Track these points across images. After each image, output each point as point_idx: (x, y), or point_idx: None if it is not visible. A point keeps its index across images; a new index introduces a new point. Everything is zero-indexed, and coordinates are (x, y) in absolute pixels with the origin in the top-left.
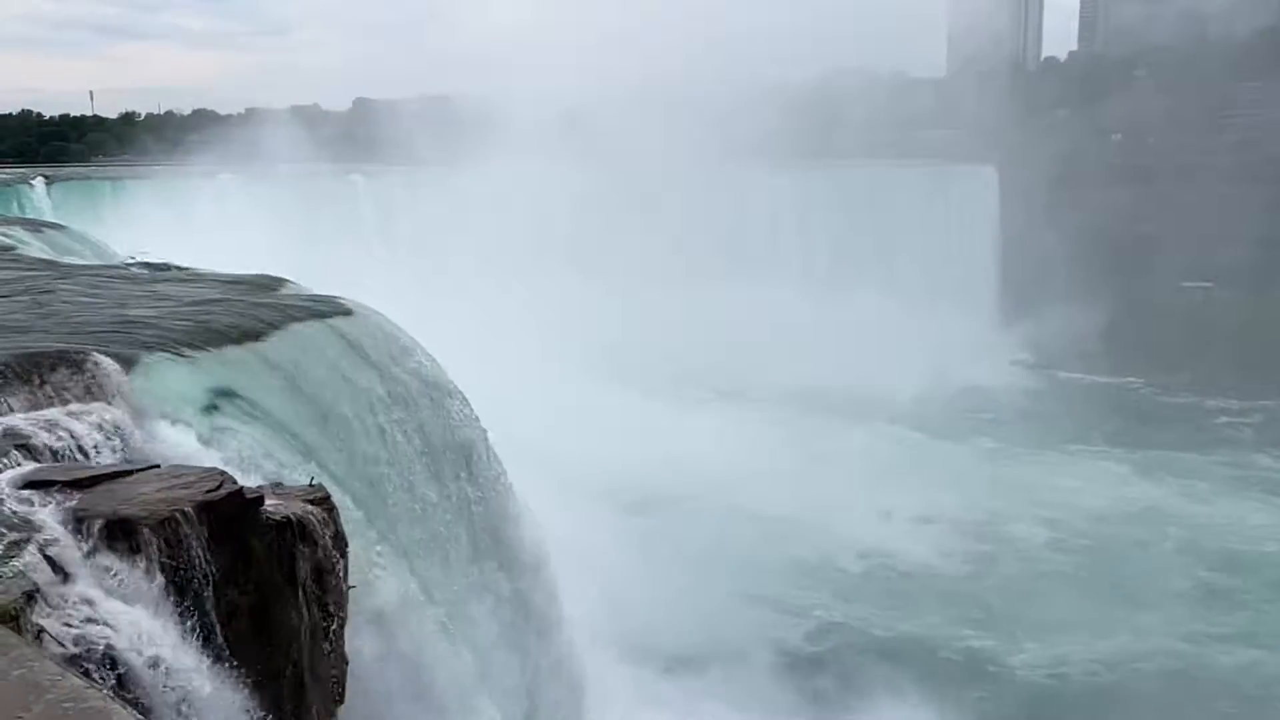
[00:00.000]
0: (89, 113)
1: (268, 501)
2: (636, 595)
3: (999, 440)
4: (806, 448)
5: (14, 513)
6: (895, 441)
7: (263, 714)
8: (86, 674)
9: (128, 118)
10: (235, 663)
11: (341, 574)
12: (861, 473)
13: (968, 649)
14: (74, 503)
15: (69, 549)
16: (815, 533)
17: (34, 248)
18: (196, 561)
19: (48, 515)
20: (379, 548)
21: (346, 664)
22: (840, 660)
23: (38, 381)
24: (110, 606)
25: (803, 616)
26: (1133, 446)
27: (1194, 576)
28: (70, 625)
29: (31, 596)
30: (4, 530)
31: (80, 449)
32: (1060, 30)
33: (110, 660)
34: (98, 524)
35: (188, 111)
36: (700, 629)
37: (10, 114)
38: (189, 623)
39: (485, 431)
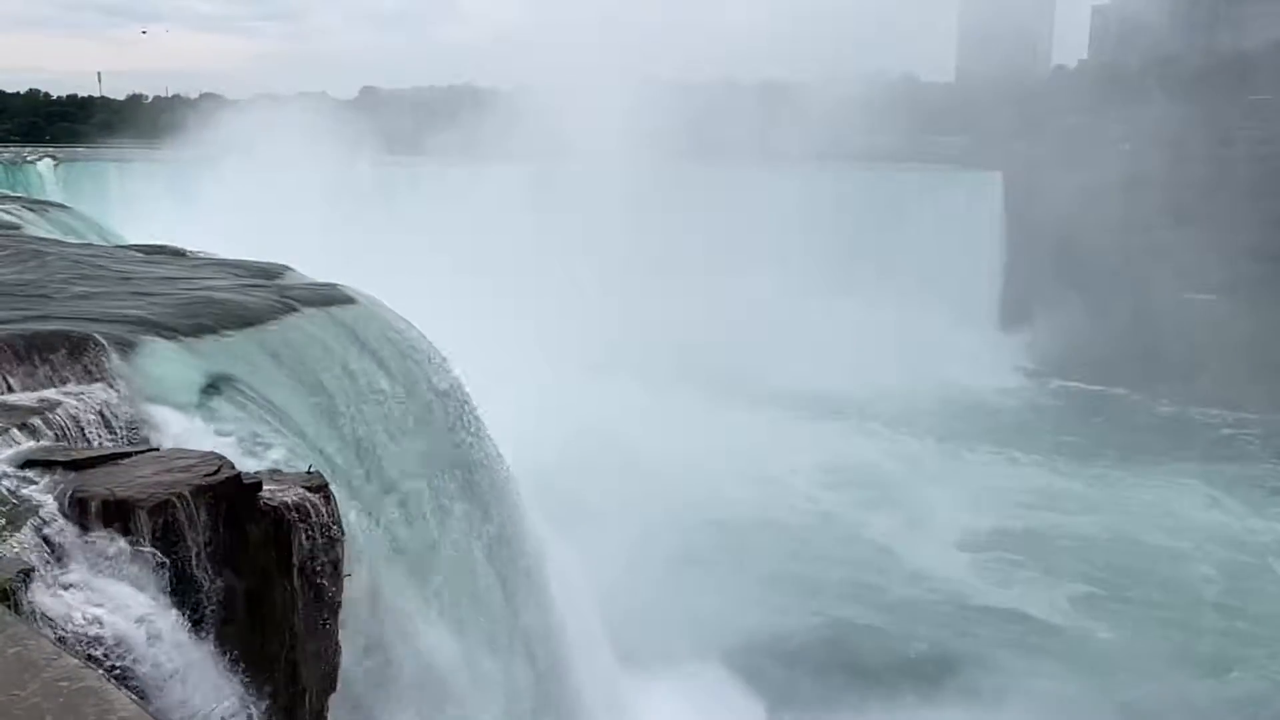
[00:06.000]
0: (96, 94)
1: (265, 487)
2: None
3: (1031, 452)
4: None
5: (11, 492)
6: (928, 450)
7: (256, 699)
8: (81, 653)
9: (135, 100)
10: (229, 647)
11: (337, 561)
12: (928, 490)
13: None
14: (72, 483)
15: (66, 529)
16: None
17: (39, 227)
18: (193, 545)
19: (45, 495)
20: (375, 535)
21: (340, 651)
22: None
23: (37, 361)
24: (105, 587)
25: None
26: (1159, 459)
27: None
28: (66, 605)
29: (28, 575)
30: (1, 509)
31: (79, 430)
32: (1071, 39)
33: (105, 641)
34: (95, 505)
35: (195, 96)
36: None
37: (18, 93)
38: (184, 606)
39: (483, 423)
